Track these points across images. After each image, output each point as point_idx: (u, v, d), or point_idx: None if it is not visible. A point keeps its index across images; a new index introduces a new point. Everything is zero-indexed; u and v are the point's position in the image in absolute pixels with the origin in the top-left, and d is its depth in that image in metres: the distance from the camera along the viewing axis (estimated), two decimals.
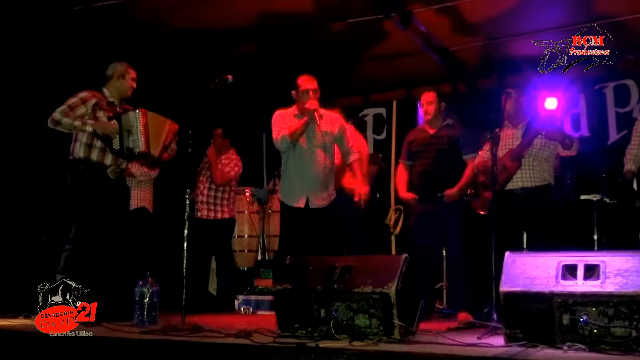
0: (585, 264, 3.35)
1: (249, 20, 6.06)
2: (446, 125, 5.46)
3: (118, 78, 5.02)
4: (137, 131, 4.86)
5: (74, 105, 4.82)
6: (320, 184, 4.92)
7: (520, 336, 3.37)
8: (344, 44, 6.56)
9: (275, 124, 4.99)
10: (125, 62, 5.09)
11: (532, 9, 5.81)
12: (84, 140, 4.86)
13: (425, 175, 5.38)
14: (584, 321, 3.22)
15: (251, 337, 3.63)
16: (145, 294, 4.47)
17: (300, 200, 4.91)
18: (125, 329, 4.09)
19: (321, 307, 3.83)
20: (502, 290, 3.45)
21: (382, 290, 3.66)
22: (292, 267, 4.18)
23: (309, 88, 4.92)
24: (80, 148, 4.86)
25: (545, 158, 4.95)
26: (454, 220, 5.30)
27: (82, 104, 4.84)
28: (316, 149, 4.94)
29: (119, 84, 5.03)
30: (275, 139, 4.95)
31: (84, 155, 4.85)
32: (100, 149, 4.89)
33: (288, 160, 5.01)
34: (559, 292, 3.30)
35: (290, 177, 4.97)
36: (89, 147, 4.87)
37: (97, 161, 4.88)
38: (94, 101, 4.87)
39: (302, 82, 4.97)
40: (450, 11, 5.96)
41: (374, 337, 3.61)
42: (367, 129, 7.96)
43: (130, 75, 5.04)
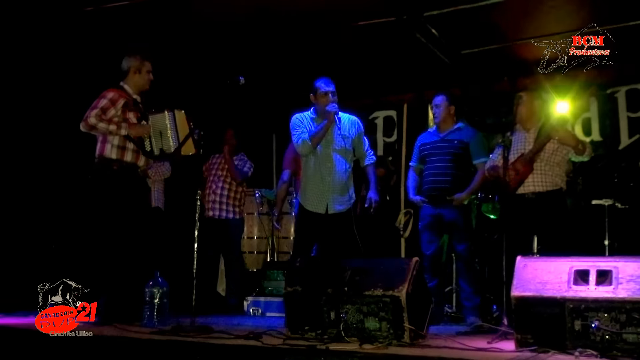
0: (597, 269, 3.35)
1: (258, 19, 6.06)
2: (456, 129, 5.45)
3: (135, 73, 5.00)
4: (168, 133, 4.88)
5: (105, 107, 4.81)
6: (340, 189, 4.92)
7: (531, 341, 3.36)
8: (356, 45, 6.55)
9: (294, 128, 4.97)
10: (139, 55, 5.05)
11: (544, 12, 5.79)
12: (115, 143, 4.85)
13: (435, 178, 5.37)
14: (596, 327, 3.22)
15: (261, 339, 3.64)
16: (155, 295, 4.49)
17: (321, 206, 4.90)
18: (135, 329, 4.10)
19: (331, 310, 3.84)
20: (514, 294, 3.45)
21: (393, 293, 3.66)
22: (303, 269, 4.18)
23: (329, 91, 4.91)
24: (112, 150, 4.83)
25: (558, 163, 4.92)
26: (463, 224, 5.29)
27: (112, 105, 4.84)
28: (336, 152, 4.93)
29: (136, 79, 5.00)
30: (296, 143, 4.93)
31: (117, 157, 4.84)
32: (132, 151, 4.89)
33: (307, 164, 4.99)
34: (570, 297, 3.30)
35: (311, 182, 4.95)
36: (122, 149, 4.85)
37: (131, 162, 4.89)
38: (122, 102, 4.87)
39: (321, 85, 4.94)
40: (461, 14, 5.94)
41: (383, 340, 3.61)
42: (377, 131, 7.95)
43: (146, 68, 5.02)
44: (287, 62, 6.93)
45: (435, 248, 5.35)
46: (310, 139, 4.84)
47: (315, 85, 4.99)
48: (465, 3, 5.72)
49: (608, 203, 5.57)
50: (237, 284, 6.61)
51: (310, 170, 4.97)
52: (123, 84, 4.99)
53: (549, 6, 5.69)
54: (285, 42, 6.52)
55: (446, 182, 5.33)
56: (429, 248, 5.38)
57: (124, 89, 4.96)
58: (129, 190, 4.85)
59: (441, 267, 5.46)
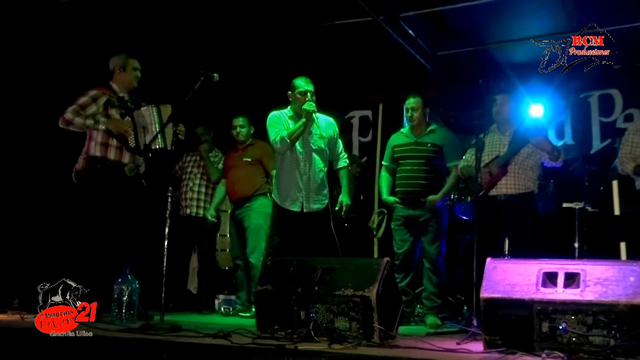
0: (565, 272, 3.37)
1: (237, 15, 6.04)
2: (429, 132, 5.47)
3: (119, 71, 4.99)
4: (152, 128, 4.82)
5: (85, 104, 4.78)
6: (316, 187, 4.91)
7: (500, 342, 3.38)
8: (332, 45, 6.54)
9: (272, 125, 4.94)
10: (125, 53, 5.02)
11: (520, 16, 5.84)
12: (99, 140, 4.81)
13: (408, 181, 5.39)
14: (563, 329, 3.24)
15: (230, 338, 3.61)
16: (125, 292, 4.42)
17: (296, 204, 4.88)
18: (102, 327, 4.04)
19: (301, 309, 3.82)
20: (483, 296, 3.46)
21: (363, 293, 3.65)
22: (273, 268, 4.16)
23: (307, 90, 4.90)
24: (96, 147, 4.81)
25: (531, 167, 4.97)
26: (436, 225, 5.31)
27: (93, 102, 4.81)
28: (312, 152, 4.92)
29: (122, 77, 4.99)
30: (273, 140, 4.88)
31: (101, 154, 4.80)
32: (116, 148, 4.84)
33: (283, 162, 4.96)
34: (539, 299, 3.32)
35: (286, 180, 4.92)
36: (105, 146, 4.82)
37: (114, 160, 4.83)
38: (104, 99, 4.84)
39: (300, 83, 4.93)
40: (437, 16, 5.97)
41: (353, 340, 3.60)
42: (353, 130, 7.95)
43: (131, 65, 4.99)
44: (264, 61, 6.90)
45: (407, 247, 5.36)
46: (288, 136, 4.80)
47: (293, 84, 4.97)
48: (441, 4, 5.75)
49: (579, 206, 5.63)
50: (210, 282, 6.58)
51: (285, 168, 4.94)
52: (111, 83, 5.00)
53: (524, 9, 5.74)
54: (263, 40, 6.50)
55: (420, 185, 5.35)
56: (401, 247, 5.39)
57: (111, 88, 4.95)
58: (109, 190, 4.80)
59: (413, 266, 5.47)
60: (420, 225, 5.33)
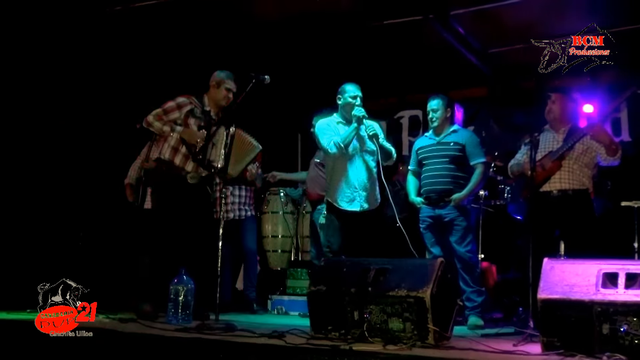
0: (626, 272, 3.28)
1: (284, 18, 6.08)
2: (452, 132, 5.42)
3: (214, 87, 5.13)
4: (220, 147, 4.98)
5: (169, 109, 4.97)
6: (370, 189, 5.05)
7: (558, 344, 3.31)
8: (381, 44, 6.53)
9: (322, 132, 5.09)
10: (228, 72, 5.17)
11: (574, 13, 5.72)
12: (172, 143, 4.97)
13: (433, 180, 5.35)
14: (625, 331, 3.15)
15: (284, 338, 3.63)
16: (180, 292, 4.50)
17: (354, 204, 5.00)
18: (159, 326, 4.12)
19: (355, 310, 3.82)
20: (540, 297, 3.40)
21: (417, 294, 3.63)
22: (327, 268, 4.17)
23: (356, 95, 5.06)
24: (167, 150, 4.98)
25: (586, 164, 4.85)
26: (462, 224, 5.24)
27: (178, 109, 4.98)
28: (364, 154, 5.07)
29: (214, 93, 5.13)
30: (326, 146, 5.02)
31: (169, 157, 4.96)
32: (183, 155, 4.98)
33: (336, 165, 5.08)
34: (599, 300, 3.23)
35: (341, 182, 5.03)
36: (175, 151, 4.97)
37: (179, 165, 4.98)
38: (188, 107, 5.00)
39: (350, 89, 5.09)
40: (489, 14, 5.90)
41: (407, 341, 3.58)
42: (403, 130, 7.92)
43: (225, 85, 5.10)
44: (313, 62, 6.93)
45: (440, 249, 5.32)
46: (342, 141, 4.95)
47: (343, 89, 5.13)
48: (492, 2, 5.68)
49: (638, 205, 5.48)
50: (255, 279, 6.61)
51: (339, 171, 5.06)
52: (205, 95, 5.15)
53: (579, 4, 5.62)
54: (311, 41, 6.53)
55: (444, 183, 5.30)
56: (434, 249, 5.35)
57: (201, 98, 5.10)
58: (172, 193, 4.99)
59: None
60: (446, 225, 5.27)
